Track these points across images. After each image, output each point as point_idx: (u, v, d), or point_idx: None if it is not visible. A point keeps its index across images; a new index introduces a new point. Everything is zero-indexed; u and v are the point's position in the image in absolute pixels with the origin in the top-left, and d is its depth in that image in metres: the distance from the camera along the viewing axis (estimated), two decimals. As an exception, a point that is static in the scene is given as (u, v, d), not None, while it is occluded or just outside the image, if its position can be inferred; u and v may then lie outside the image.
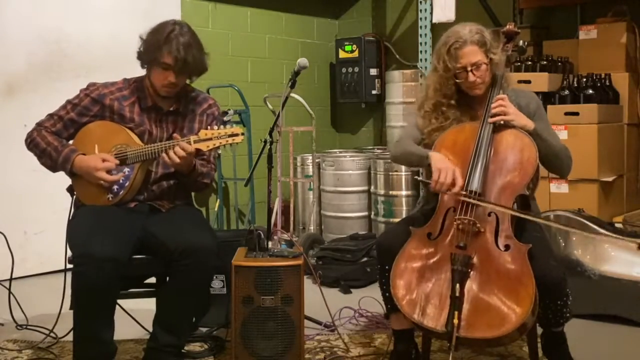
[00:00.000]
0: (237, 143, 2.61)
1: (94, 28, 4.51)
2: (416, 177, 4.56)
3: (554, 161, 2.61)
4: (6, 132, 4.19)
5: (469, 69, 2.58)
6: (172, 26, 2.70)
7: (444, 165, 2.49)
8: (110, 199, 2.71)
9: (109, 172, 2.68)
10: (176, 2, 5.05)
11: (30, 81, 4.43)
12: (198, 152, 2.63)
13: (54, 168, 2.78)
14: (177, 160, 2.59)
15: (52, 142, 2.75)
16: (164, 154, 2.62)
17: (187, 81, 2.83)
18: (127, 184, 2.70)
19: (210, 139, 2.59)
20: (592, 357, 2.90)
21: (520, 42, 2.73)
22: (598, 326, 3.30)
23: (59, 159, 2.72)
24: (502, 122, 2.54)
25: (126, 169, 2.70)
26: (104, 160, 2.68)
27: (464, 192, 2.45)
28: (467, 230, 2.41)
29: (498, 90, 2.63)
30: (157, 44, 2.66)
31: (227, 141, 2.60)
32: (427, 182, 2.55)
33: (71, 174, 2.77)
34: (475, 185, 2.46)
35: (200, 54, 2.72)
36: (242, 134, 2.61)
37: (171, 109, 2.82)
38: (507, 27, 2.75)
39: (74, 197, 2.85)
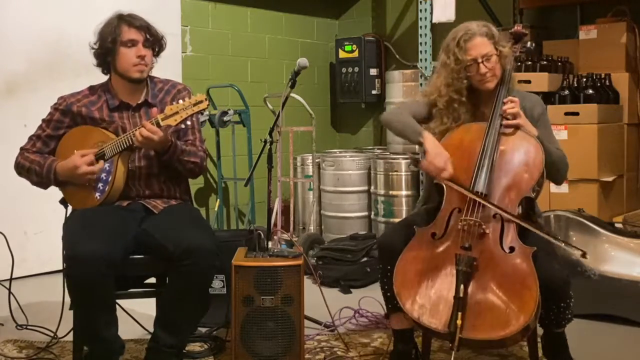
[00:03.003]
0: (203, 110, 2.62)
1: (94, 28, 4.51)
2: (410, 153, 4.56)
3: (551, 170, 2.59)
4: (6, 132, 4.19)
5: (479, 60, 2.57)
6: (116, 14, 2.78)
7: (439, 150, 2.52)
8: (98, 197, 2.72)
9: (91, 165, 2.69)
10: (176, 2, 5.05)
11: (30, 81, 4.43)
12: (168, 129, 2.66)
13: (43, 184, 2.82)
14: (147, 134, 2.59)
15: (34, 160, 2.79)
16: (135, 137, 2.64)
17: (153, 60, 2.85)
18: (110, 179, 2.71)
19: (177, 112, 2.61)
20: (592, 357, 2.90)
21: (528, 44, 2.73)
22: (598, 326, 3.30)
23: (43, 172, 2.76)
24: (512, 126, 2.54)
25: (106, 165, 2.71)
26: (82, 156, 2.70)
27: (464, 186, 2.45)
28: (472, 231, 2.40)
29: (506, 88, 2.63)
30: (113, 29, 2.73)
31: (193, 110, 2.61)
32: (418, 160, 2.56)
33: (58, 183, 2.79)
34: (481, 186, 2.46)
35: (154, 27, 2.80)
36: (206, 99, 2.62)
37: (140, 101, 2.84)
38: (516, 27, 2.74)
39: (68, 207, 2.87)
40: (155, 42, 2.80)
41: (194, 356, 2.97)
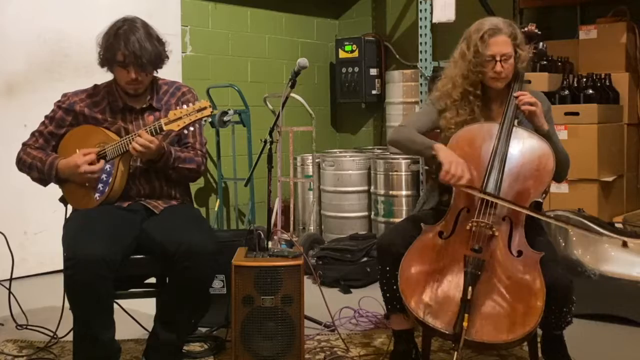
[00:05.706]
0: (207, 116, 2.62)
1: (94, 28, 4.47)
2: (426, 167, 4.56)
3: (557, 168, 2.57)
4: (6, 132, 4.19)
5: (498, 58, 2.56)
6: (120, 23, 2.72)
7: (454, 158, 2.47)
8: (98, 197, 2.72)
9: (92, 164, 2.68)
10: (176, 2, 5.05)
11: (30, 81, 4.43)
12: (169, 134, 2.66)
13: (43, 180, 2.81)
14: (143, 142, 2.58)
15: (36, 156, 2.78)
16: (130, 147, 2.62)
17: (155, 73, 2.82)
18: (110, 180, 2.71)
19: (180, 117, 2.61)
20: (592, 357, 2.90)
21: (541, 45, 2.72)
22: (598, 326, 3.30)
23: (45, 169, 2.75)
24: (526, 113, 2.52)
25: (107, 166, 2.71)
26: (84, 155, 2.69)
27: (476, 187, 2.42)
28: (482, 233, 2.39)
29: (520, 86, 2.61)
30: (109, 45, 2.68)
31: (196, 116, 2.61)
32: (436, 173, 2.52)
33: (58, 180, 2.79)
34: (491, 188, 2.44)
35: (153, 45, 2.70)
36: (210, 106, 2.62)
37: (144, 106, 2.82)
38: (529, 27, 2.73)
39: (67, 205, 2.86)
40: (150, 63, 2.70)
41: (194, 356, 2.97)
